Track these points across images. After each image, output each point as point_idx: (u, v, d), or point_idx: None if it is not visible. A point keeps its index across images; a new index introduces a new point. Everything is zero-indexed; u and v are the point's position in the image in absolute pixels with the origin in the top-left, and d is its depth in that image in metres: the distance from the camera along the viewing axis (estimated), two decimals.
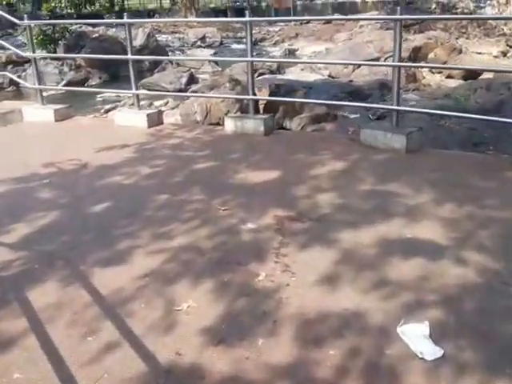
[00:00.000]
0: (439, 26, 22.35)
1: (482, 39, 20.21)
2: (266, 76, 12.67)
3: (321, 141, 5.81)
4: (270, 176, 4.69)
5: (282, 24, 26.89)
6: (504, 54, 16.63)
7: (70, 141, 6.24)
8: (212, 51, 20.73)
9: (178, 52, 22.42)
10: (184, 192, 4.37)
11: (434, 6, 29.25)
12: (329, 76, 13.99)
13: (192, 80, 14.78)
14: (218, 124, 9.22)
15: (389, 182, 4.36)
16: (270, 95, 8.93)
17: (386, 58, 13.76)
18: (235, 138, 5.99)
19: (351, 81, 11.42)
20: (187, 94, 10.13)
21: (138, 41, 19.22)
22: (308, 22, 25.42)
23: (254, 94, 6.18)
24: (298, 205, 3.98)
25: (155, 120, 6.69)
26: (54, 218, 3.94)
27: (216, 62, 17.73)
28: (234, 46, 23.87)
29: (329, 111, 8.46)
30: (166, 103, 12.19)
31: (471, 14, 26.90)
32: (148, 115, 6.57)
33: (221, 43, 23.85)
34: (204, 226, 3.66)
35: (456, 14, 27.10)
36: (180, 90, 14.24)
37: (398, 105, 5.35)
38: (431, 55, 14.01)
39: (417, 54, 14.08)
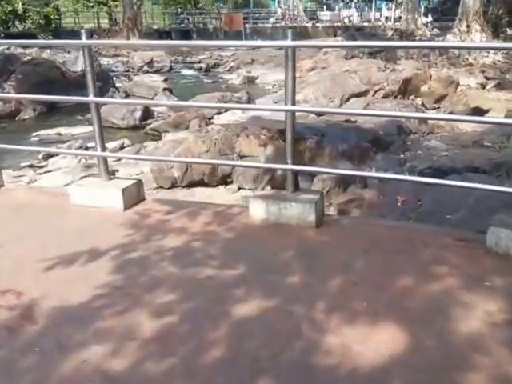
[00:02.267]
0: (401, 54, 21.14)
1: (450, 69, 19.05)
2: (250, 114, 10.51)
3: (409, 242, 3.66)
4: (394, 348, 2.48)
5: (232, 48, 24.96)
6: (483, 86, 15.36)
7: None
8: (162, 77, 18.36)
9: (123, 78, 19.90)
10: None
11: (390, 32, 28.34)
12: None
13: (148, 114, 12.45)
14: (202, 184, 7.00)
15: None
16: (272, 143, 6.78)
17: (375, 91, 11.96)
18: (271, 235, 3.78)
19: (349, 120, 9.41)
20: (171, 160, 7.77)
21: (80, 65, 16.63)
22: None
23: (294, 161, 3.96)
24: None
25: (134, 196, 4.35)
26: None
27: (171, 91, 15.43)
28: (185, 71, 21.64)
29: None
30: (122, 146, 9.76)
31: (429, 39, 26.16)
32: (124, 190, 4.21)
33: (170, 68, 21.51)
34: None
35: (414, 40, 26.31)
36: (134, 128, 11.85)
37: None
38: (424, 88, 12.37)
39: (406, 87, 12.38)
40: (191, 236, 3.76)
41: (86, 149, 9.64)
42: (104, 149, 4.35)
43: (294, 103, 3.81)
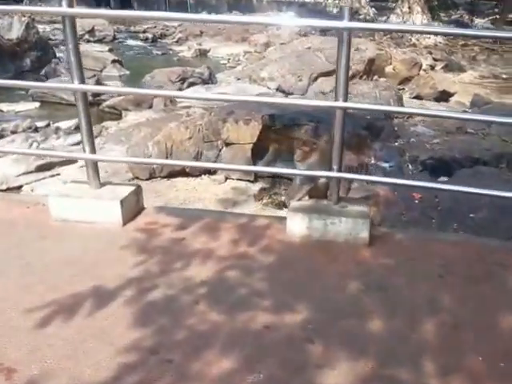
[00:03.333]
0: None
1: (396, 50, 18.67)
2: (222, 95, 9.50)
3: (484, 263, 3.01)
4: None
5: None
6: (432, 67, 15.04)
7: None
8: (106, 47, 16.82)
9: (62, 47, 18.09)
10: None
11: (336, 10, 27.63)
12: (278, 90, 11.17)
13: None
14: (184, 173, 6.05)
15: None
16: (262, 131, 5.93)
17: None
18: (320, 258, 3.01)
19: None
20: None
21: (15, 32, 14.91)
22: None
23: (340, 168, 3.15)
24: None
25: (133, 206, 3.41)
26: None
27: (121, 63, 14.07)
28: (130, 41, 20.03)
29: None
30: (77, 126, 8.49)
31: (373, 21, 25.70)
32: (124, 202, 3.25)
33: (114, 38, 19.82)
34: None
35: (359, 20, 25.78)
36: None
37: None
38: (388, 69, 11.78)
39: (371, 68, 11.76)
40: (220, 262, 2.90)
41: (36, 130, 8.36)
42: (94, 150, 3.34)
43: (346, 98, 2.97)
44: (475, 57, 16.75)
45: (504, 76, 14.81)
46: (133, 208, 3.40)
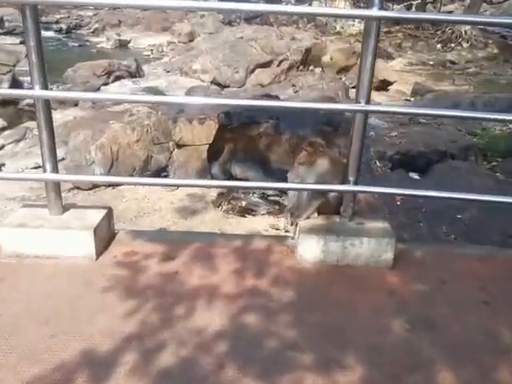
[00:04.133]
0: (272, 19, 20.32)
1: (322, 38, 18.62)
2: (133, 83, 8.85)
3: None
4: None
5: (92, 7, 22.05)
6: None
7: None
8: (17, 40, 15.39)
9: None
10: None
11: None
12: (212, 82, 10.61)
13: (17, 84, 10.04)
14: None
15: None
16: (219, 130, 5.41)
17: (280, 61, 10.89)
18: (342, 288, 2.54)
19: (269, 95, 8.19)
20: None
21: None
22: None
23: (357, 180, 2.71)
24: None
25: (105, 232, 2.79)
26: None
27: None
28: (43, 33, 18.44)
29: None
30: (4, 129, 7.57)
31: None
32: (96, 231, 2.63)
33: None
34: None
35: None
36: (3, 103, 9.44)
37: None
38: (326, 58, 11.54)
39: (307, 57, 11.48)
40: (230, 303, 2.39)
41: None
42: (56, 169, 2.68)
43: (369, 100, 2.53)
44: (401, 44, 16.97)
45: (431, 62, 15.14)
46: (105, 236, 2.78)
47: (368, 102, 2.53)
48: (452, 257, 2.87)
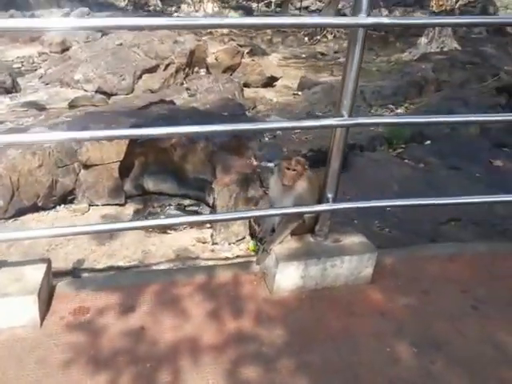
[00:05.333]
0: None
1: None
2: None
3: (501, 280, 2.60)
4: None
5: None
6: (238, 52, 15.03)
7: None
8: None
9: None
10: None
11: (124, 2, 25.98)
12: (97, 91, 9.80)
13: None
14: (35, 208, 4.69)
15: None
16: (129, 145, 4.91)
17: (166, 65, 10.34)
18: (330, 316, 2.28)
19: (164, 101, 7.69)
20: None
21: None
22: None
23: (335, 198, 2.44)
24: None
25: (45, 291, 2.24)
26: None
27: None
28: None
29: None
30: None
31: (163, 11, 24.69)
32: (40, 293, 2.09)
33: None
34: None
35: (149, 11, 24.57)
36: None
37: None
38: (211, 59, 11.18)
39: (192, 59, 11.06)
40: (219, 356, 2.01)
41: None
42: None
43: (351, 113, 2.23)
44: (271, 39, 17.07)
45: (303, 55, 15.38)
46: (45, 295, 2.23)
47: (351, 114, 2.24)
48: (423, 260, 2.71)
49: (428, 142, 5.86)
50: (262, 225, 2.95)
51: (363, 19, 1.99)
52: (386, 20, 2.14)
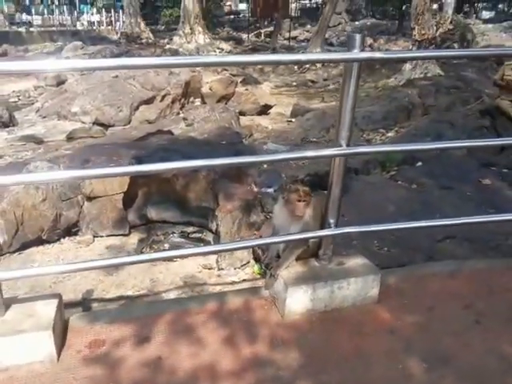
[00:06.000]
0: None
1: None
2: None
3: (502, 294, 2.63)
4: None
5: None
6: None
7: None
8: None
9: None
10: None
11: (116, 36, 26.30)
12: (95, 123, 9.87)
13: None
14: (40, 241, 4.68)
15: None
16: (132, 176, 4.94)
17: (163, 96, 10.47)
18: (343, 338, 2.29)
19: (161, 131, 7.76)
20: None
21: None
22: None
23: (337, 223, 2.48)
24: None
25: (59, 326, 2.23)
26: None
27: None
28: None
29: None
30: None
31: (155, 44, 24.97)
32: (55, 329, 2.09)
33: None
34: None
35: (142, 43, 24.81)
36: None
37: None
38: (205, 89, 11.34)
39: (187, 90, 11.21)
40: (237, 380, 1.99)
41: None
42: None
43: (349, 142, 2.28)
44: (263, 69, 17.30)
45: (294, 83, 15.61)
46: (60, 329, 2.23)
47: (349, 144, 2.28)
48: (425, 278, 2.74)
49: (419, 163, 5.94)
50: (267, 251, 2.97)
51: (357, 54, 2.06)
52: (378, 54, 2.20)
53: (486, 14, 32.26)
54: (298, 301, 2.36)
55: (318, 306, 2.40)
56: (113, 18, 31.70)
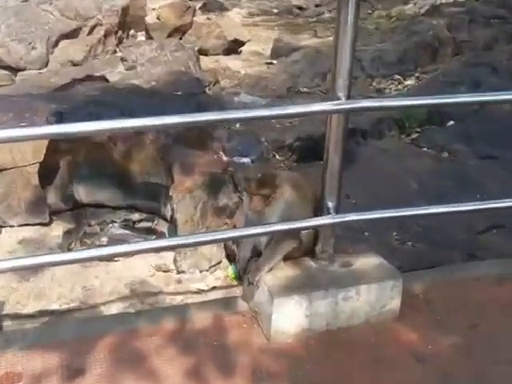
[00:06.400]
0: None
1: None
2: None
3: None
4: None
5: None
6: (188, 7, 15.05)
7: None
8: None
9: None
10: None
11: None
12: None
13: None
14: None
15: None
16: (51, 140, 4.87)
17: (92, 28, 10.30)
18: (354, 369, 2.33)
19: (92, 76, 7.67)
20: None
21: None
22: None
23: (337, 208, 2.48)
24: None
25: None
26: None
27: None
28: None
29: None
30: None
31: None
32: None
33: None
34: None
35: None
36: None
37: None
38: (151, 19, 11.20)
39: (125, 19, 11.05)
40: None
41: None
42: None
43: (349, 95, 2.26)
44: None
45: (275, 10, 15.42)
46: None
47: (349, 96, 2.26)
48: (464, 284, 2.79)
49: (451, 122, 6.01)
50: (240, 248, 2.98)
51: None
52: None
53: None
54: (289, 317, 2.38)
55: (318, 325, 2.42)
56: None
